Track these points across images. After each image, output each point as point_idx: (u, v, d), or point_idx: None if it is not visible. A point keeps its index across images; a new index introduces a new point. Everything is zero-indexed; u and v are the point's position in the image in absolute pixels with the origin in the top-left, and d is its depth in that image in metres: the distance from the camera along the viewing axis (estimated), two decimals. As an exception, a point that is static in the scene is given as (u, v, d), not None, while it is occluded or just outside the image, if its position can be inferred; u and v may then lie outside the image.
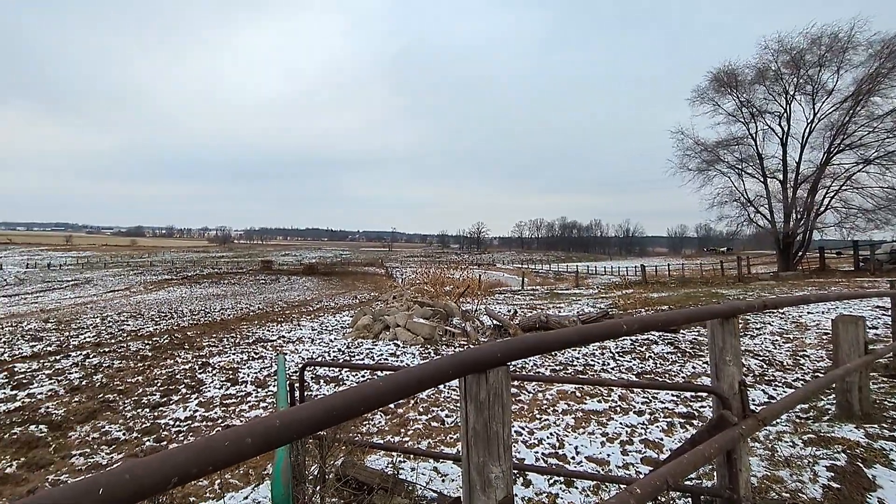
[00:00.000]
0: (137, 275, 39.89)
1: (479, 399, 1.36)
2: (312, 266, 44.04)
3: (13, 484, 3.34)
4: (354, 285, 29.55)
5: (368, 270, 45.24)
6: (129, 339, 9.06)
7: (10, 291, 31.15)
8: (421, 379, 1.20)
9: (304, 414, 0.98)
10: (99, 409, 4.78)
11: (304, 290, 24.65)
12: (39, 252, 73.87)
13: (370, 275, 40.37)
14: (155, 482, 0.77)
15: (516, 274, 43.21)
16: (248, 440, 0.89)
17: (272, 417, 0.95)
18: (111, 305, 19.07)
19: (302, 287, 27.30)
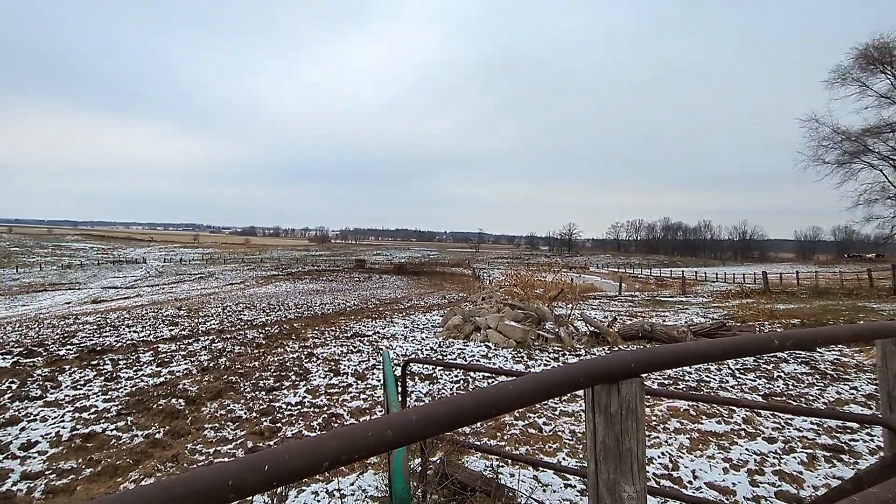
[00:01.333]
0: (250, 270, 45.28)
1: (609, 411, 1.26)
2: (402, 265, 46.11)
3: (161, 448, 3.95)
4: (442, 285, 30.29)
5: (455, 271, 46.07)
6: (246, 327, 10.29)
7: (152, 282, 37.34)
8: (551, 385, 1.15)
9: (439, 411, 0.99)
10: (224, 388, 5.48)
11: (395, 289, 25.88)
12: (173, 249, 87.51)
13: (457, 275, 41.07)
14: (310, 465, 0.83)
15: (612, 278, 40.76)
16: (390, 433, 0.91)
17: (409, 413, 0.97)
18: (230, 297, 21.85)
19: (392, 285, 28.70)
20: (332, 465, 0.84)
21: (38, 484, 3.33)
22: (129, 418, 4.55)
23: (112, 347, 8.11)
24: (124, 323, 11.59)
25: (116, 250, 77.46)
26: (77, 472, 3.50)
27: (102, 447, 3.94)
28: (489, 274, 39.33)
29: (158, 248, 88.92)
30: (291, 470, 0.80)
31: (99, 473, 3.46)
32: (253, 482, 0.76)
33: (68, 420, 4.55)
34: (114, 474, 3.45)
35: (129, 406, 4.91)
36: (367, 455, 0.91)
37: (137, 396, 5.21)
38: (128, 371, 6.40)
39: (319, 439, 0.86)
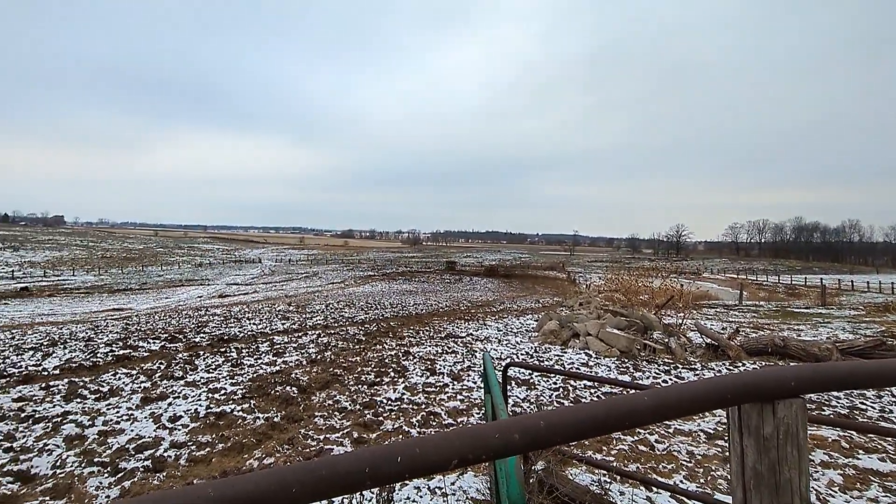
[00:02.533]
0: (349, 270, 48.77)
1: (761, 434, 1.10)
2: (493, 268, 46.12)
3: (279, 431, 4.40)
4: (535, 289, 29.68)
5: (549, 274, 44.85)
6: (348, 324, 11.09)
7: (266, 280, 41.99)
8: (691, 399, 1.03)
9: (568, 418, 0.94)
10: (330, 380, 5.94)
11: (486, 291, 25.98)
12: (283, 250, 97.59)
13: (551, 279, 39.95)
14: (439, 460, 0.84)
15: (730, 285, 36.47)
16: (517, 436, 0.89)
17: (535, 418, 0.94)
18: (331, 295, 23.72)
19: (483, 288, 28.85)
20: (460, 462, 0.84)
21: (182, 453, 3.91)
22: (251, 401, 5.15)
23: (236, 337, 9.28)
24: (245, 316, 13.19)
25: (237, 251, 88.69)
26: (212, 445, 4.04)
27: (231, 426, 4.51)
28: (586, 278, 37.62)
29: (271, 249, 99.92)
30: (422, 463, 0.81)
31: (229, 449, 3.96)
32: (386, 472, 0.79)
33: (203, 399, 5.28)
34: (241, 451, 3.93)
35: (251, 390, 5.56)
36: (494, 456, 0.90)
37: (258, 382, 5.88)
38: (249, 359, 7.27)
39: (445, 436, 0.87)
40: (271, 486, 0.73)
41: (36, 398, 5.30)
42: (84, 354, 7.64)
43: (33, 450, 3.92)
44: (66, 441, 4.11)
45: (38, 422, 4.55)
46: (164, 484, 3.38)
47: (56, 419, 4.61)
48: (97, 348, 8.16)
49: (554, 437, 0.93)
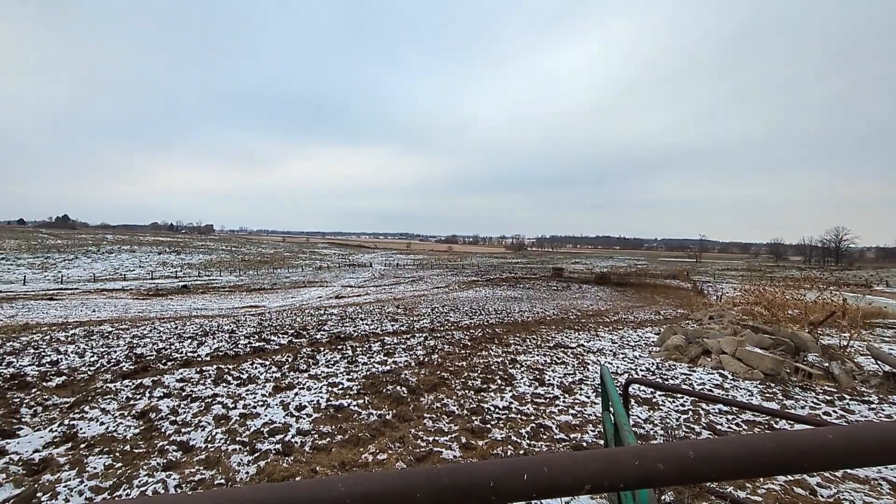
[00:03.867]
0: (453, 275, 49.97)
1: None
2: (604, 275, 43.60)
3: (391, 429, 4.62)
4: (653, 299, 27.33)
5: (670, 283, 40.99)
6: (453, 328, 11.33)
7: (376, 283, 44.93)
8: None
9: (726, 451, 0.80)
10: (438, 383, 6.10)
11: (597, 300, 24.63)
12: (391, 255, 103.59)
13: (672, 288, 36.46)
14: (570, 483, 0.76)
15: (921, 301, 29.48)
16: (660, 466, 0.78)
17: (682, 447, 0.81)
18: (436, 299, 24.49)
19: (594, 296, 27.39)
20: (593, 488, 0.77)
21: (307, 440, 4.31)
22: (365, 398, 5.51)
23: (351, 336, 10.04)
24: (358, 316, 14.24)
25: (351, 255, 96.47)
26: (332, 436, 4.39)
27: (348, 419, 4.86)
28: (716, 288, 33.59)
29: (380, 254, 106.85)
30: (549, 484, 0.75)
31: (347, 441, 4.26)
32: (509, 488, 0.74)
33: (324, 392, 5.79)
34: (357, 444, 4.21)
35: (365, 387, 5.95)
36: (634, 486, 0.79)
37: (371, 380, 6.28)
38: (363, 357, 7.80)
39: (574, 457, 0.79)
40: (396, 487, 0.73)
41: (192, 380, 6.30)
42: (228, 345, 8.91)
43: (191, 424, 4.65)
44: (214, 419, 4.81)
45: (195, 401, 5.40)
46: (292, 467, 3.76)
47: (207, 399, 5.43)
48: (238, 340, 9.46)
49: (706, 472, 0.79)
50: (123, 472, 3.60)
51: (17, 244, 69.28)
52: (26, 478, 3.50)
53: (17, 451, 3.92)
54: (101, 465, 3.71)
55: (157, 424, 4.60)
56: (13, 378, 6.17)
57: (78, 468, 3.65)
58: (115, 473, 3.58)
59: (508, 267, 68.79)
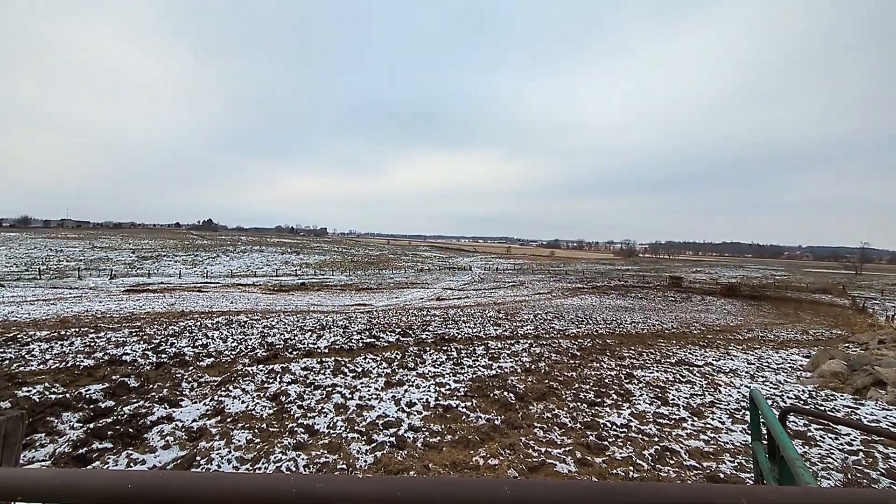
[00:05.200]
0: (555, 281, 48.52)
1: None
2: (733, 286, 38.91)
3: (500, 434, 4.58)
4: (798, 316, 23.68)
5: (820, 298, 35.19)
6: (559, 336, 10.96)
7: (476, 287, 45.34)
8: None
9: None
10: (547, 392, 5.93)
11: (724, 314, 22.06)
12: (491, 259, 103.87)
13: (823, 304, 31.25)
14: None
15: None
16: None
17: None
18: (538, 306, 23.94)
19: (720, 309, 24.59)
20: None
21: (418, 437, 4.45)
22: (473, 400, 5.55)
23: (455, 338, 10.23)
24: (461, 319, 14.48)
25: (451, 259, 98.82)
26: (442, 435, 4.49)
27: (456, 420, 4.93)
28: (884, 307, 28.03)
29: (479, 258, 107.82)
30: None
31: (457, 442, 4.32)
32: None
33: (432, 391, 5.95)
34: (467, 446, 4.24)
35: (472, 390, 6.00)
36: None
37: (477, 383, 6.31)
38: (468, 360, 7.89)
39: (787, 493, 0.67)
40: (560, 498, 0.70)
41: (314, 369, 6.91)
42: (343, 339, 9.63)
43: (315, 410, 5.09)
44: (335, 408, 5.20)
45: (317, 388, 5.91)
46: (405, 461, 3.91)
47: (328, 388, 5.90)
48: (351, 335, 10.18)
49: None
50: (262, 447, 4.05)
51: (175, 244, 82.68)
52: (188, 443, 4.11)
53: (181, 418, 4.64)
54: (244, 438, 4.22)
55: (287, 407, 5.11)
56: (175, 356, 7.35)
57: (226, 439, 4.19)
58: (256, 447, 4.05)
59: (617, 274, 64.83)
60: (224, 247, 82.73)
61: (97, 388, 5.38)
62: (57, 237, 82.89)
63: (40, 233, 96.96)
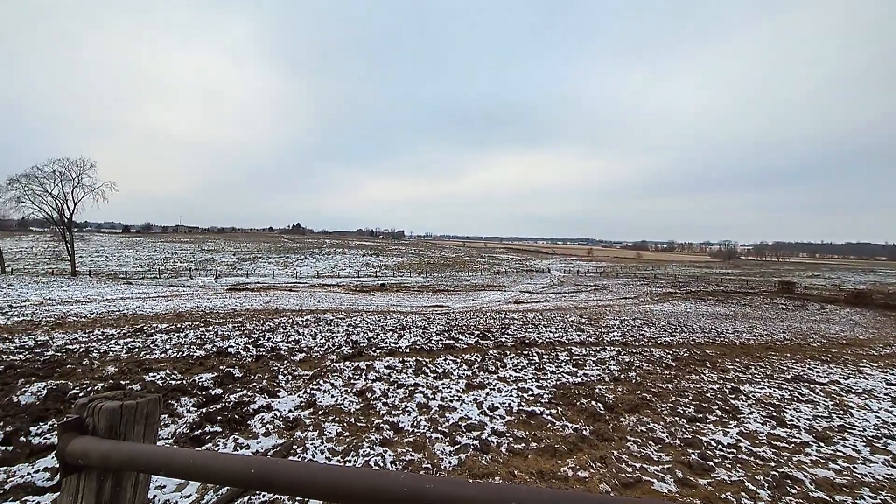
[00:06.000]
0: (643, 285, 45.75)
1: None
2: (862, 294, 33.96)
3: (589, 445, 4.38)
4: (951, 330, 20.02)
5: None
6: (650, 345, 10.28)
7: (555, 290, 44.10)
8: None
9: None
10: (640, 404, 5.57)
11: (852, 325, 19.32)
12: (570, 261, 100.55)
13: None
14: None
15: None
16: None
17: None
18: (625, 311, 22.71)
19: (846, 321, 21.59)
20: None
21: (502, 441, 4.40)
22: (558, 408, 5.37)
23: (536, 342, 10.01)
24: (541, 323, 14.15)
25: (528, 261, 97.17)
26: (526, 442, 4.39)
27: (541, 427, 4.80)
28: None
29: (559, 260, 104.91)
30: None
31: (542, 450, 4.20)
32: None
33: (514, 396, 5.85)
34: (553, 455, 4.10)
35: (556, 397, 5.81)
36: None
37: (562, 391, 6.11)
38: (550, 366, 7.67)
39: None
40: None
41: (397, 368, 7.12)
42: (423, 339, 9.83)
43: (399, 408, 5.23)
44: (418, 407, 5.31)
45: (400, 387, 6.07)
46: (490, 466, 3.87)
47: (410, 387, 6.05)
48: (431, 336, 10.36)
49: None
50: (351, 440, 4.24)
51: (268, 247, 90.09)
52: (285, 431, 4.43)
53: (278, 408, 5.01)
54: (335, 431, 4.45)
55: (373, 403, 5.31)
56: (272, 350, 7.97)
57: (318, 431, 4.45)
58: (345, 441, 4.25)
59: (715, 278, 59.57)
60: (311, 249, 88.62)
61: (208, 377, 5.99)
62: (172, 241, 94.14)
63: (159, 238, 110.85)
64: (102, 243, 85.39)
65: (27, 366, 6.26)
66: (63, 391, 5.02)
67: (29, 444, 3.83)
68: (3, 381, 5.36)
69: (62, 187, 42.86)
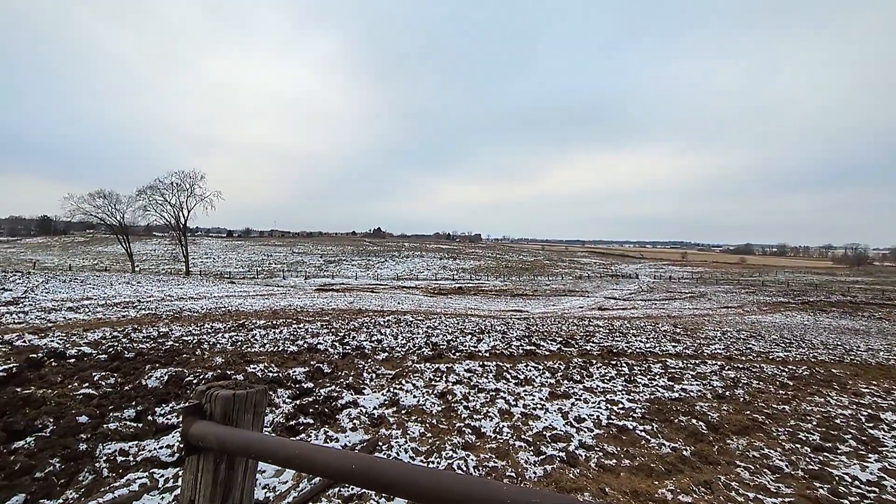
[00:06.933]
0: (748, 294, 41.56)
1: None
2: None
3: (690, 468, 4.02)
4: None
5: None
6: (760, 360, 9.27)
7: (644, 297, 41.54)
8: None
9: None
10: (751, 426, 5.01)
11: None
12: (661, 266, 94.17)
13: None
14: None
15: None
16: None
17: None
18: (726, 321, 20.79)
19: None
20: None
21: (591, 455, 4.18)
22: (653, 424, 5.00)
23: (624, 352, 9.46)
24: (629, 332, 13.37)
25: (613, 265, 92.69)
26: (618, 458, 4.13)
27: (634, 444, 4.50)
28: None
29: (648, 264, 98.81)
30: None
31: (637, 468, 3.93)
32: None
33: (603, 408, 5.56)
34: (650, 475, 3.82)
35: (650, 412, 5.42)
36: None
37: (656, 405, 5.69)
38: (642, 378, 7.19)
39: None
40: None
41: (477, 372, 7.10)
42: (503, 344, 9.72)
43: (480, 413, 5.19)
44: (499, 413, 5.23)
45: (481, 391, 6.03)
46: (578, 480, 3.69)
47: (491, 392, 5.98)
48: (511, 341, 10.22)
49: None
50: (433, 442, 4.28)
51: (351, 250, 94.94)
52: (370, 428, 4.58)
53: (364, 405, 5.20)
54: (417, 431, 4.52)
55: (454, 406, 5.33)
56: (357, 349, 8.33)
57: (402, 430, 4.54)
58: (428, 441, 4.29)
59: (839, 287, 52.35)
60: (390, 252, 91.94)
61: (300, 371, 6.40)
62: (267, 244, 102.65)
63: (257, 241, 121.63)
64: (210, 246, 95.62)
65: (152, 353, 7.14)
66: (180, 377, 5.64)
67: (154, 423, 4.34)
68: (134, 367, 6.15)
69: (178, 197, 48.84)
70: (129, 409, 4.57)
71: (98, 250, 79.37)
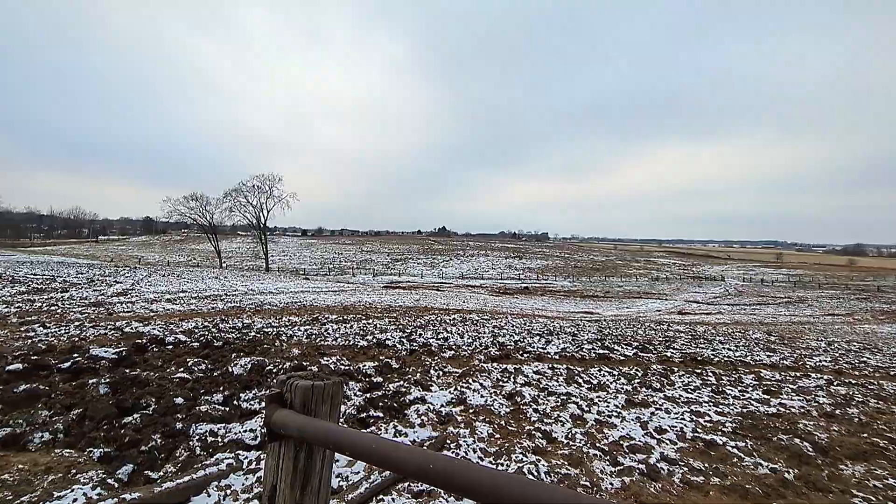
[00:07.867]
0: (858, 300, 37.12)
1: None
2: None
3: (793, 492, 3.61)
4: None
5: None
6: (878, 375, 8.20)
7: (731, 301, 38.44)
8: None
9: None
10: (869, 451, 4.42)
11: None
12: (752, 268, 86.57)
13: None
14: None
15: None
16: None
17: None
18: (832, 330, 18.71)
19: None
20: None
21: (675, 470, 3.88)
22: (747, 441, 4.57)
23: (710, 360, 8.77)
24: (715, 338, 12.41)
25: (695, 267, 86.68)
26: (706, 475, 3.80)
27: (724, 461, 4.12)
28: None
29: (736, 266, 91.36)
30: None
31: (728, 489, 3.59)
32: None
33: (687, 420, 5.17)
34: (745, 495, 3.47)
35: (743, 427, 4.96)
36: None
37: (750, 420, 5.20)
38: (732, 389, 6.62)
39: None
40: None
41: (546, 374, 6.90)
42: (573, 347, 9.39)
43: (551, 417, 5.03)
44: (571, 418, 5.03)
45: (551, 395, 5.85)
46: (660, 496, 3.45)
47: (562, 396, 5.78)
48: (581, 344, 9.85)
49: None
50: (502, 444, 4.20)
51: (417, 248, 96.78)
52: (438, 425, 4.59)
53: (432, 402, 5.23)
54: (485, 432, 4.46)
55: (523, 409, 5.21)
56: (424, 346, 8.44)
57: (469, 429, 4.51)
58: (496, 443, 4.22)
59: (974, 296, 45.23)
60: (455, 251, 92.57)
61: (370, 365, 6.58)
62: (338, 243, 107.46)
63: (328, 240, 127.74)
64: (287, 244, 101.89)
65: (237, 343, 7.69)
66: (262, 366, 6.01)
67: (239, 408, 4.65)
68: (222, 354, 6.66)
69: (259, 198, 52.55)
70: (217, 394, 4.95)
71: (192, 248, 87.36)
